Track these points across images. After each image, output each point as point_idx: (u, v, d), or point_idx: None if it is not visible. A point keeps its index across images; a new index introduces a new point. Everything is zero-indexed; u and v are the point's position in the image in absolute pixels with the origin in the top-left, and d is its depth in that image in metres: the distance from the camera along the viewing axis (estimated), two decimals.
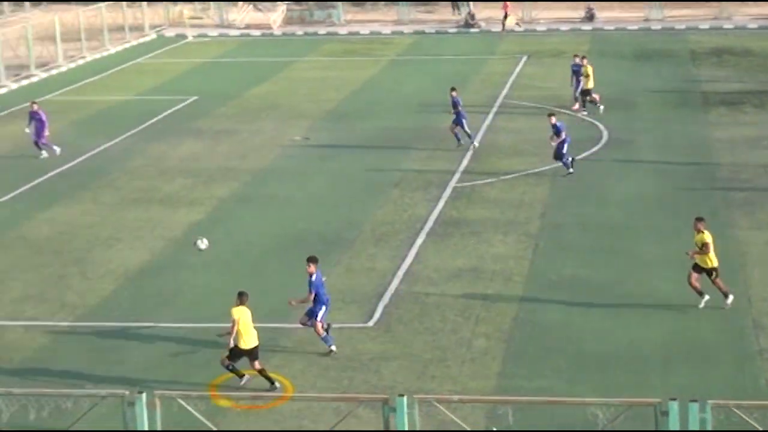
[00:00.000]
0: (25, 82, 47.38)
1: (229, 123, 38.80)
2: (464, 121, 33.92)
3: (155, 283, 23.63)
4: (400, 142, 35.14)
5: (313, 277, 19.94)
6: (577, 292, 22.75)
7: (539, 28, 59.07)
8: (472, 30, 59.22)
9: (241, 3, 64.42)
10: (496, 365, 19.69)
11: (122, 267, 24.58)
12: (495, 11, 60.17)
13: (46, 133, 34.29)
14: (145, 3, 60.93)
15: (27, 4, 69.34)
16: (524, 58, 49.64)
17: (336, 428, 16.04)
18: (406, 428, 14.73)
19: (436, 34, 58.77)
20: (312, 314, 20.09)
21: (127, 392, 15.00)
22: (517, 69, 47.42)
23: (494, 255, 25.12)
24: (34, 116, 34.25)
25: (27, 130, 34.50)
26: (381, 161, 33.24)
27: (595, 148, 33.98)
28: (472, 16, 60.08)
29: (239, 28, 62.05)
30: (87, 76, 48.63)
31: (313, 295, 19.91)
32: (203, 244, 21.24)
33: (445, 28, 60.03)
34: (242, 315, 18.70)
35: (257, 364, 18.73)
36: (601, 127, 36.50)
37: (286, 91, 44.37)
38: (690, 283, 21.47)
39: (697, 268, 21.48)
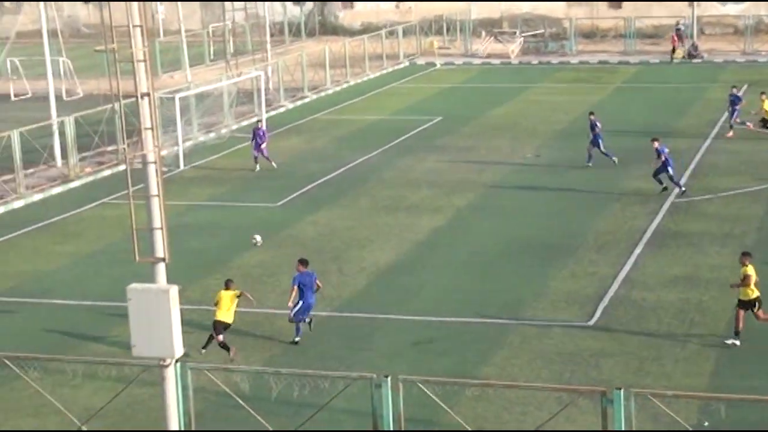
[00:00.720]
0: (299, 103, 48.95)
1: (469, 141, 38.83)
2: (601, 142, 33.61)
3: (401, 280, 23.84)
4: (623, 160, 34.20)
5: (296, 275, 20.44)
6: None
7: (760, 59, 56.42)
8: (695, 60, 57.11)
9: (483, 35, 64.52)
10: (709, 365, 18.81)
11: (373, 265, 24.95)
12: (718, 44, 57.90)
13: (264, 147, 34.90)
14: (401, 35, 61.90)
15: (304, 35, 71.81)
16: (744, 87, 47.36)
17: (557, 416, 15.70)
18: (623, 419, 14.26)
19: (660, 63, 56.98)
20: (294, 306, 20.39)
21: (374, 376, 15.14)
22: None
23: (710, 265, 24.05)
24: (257, 133, 35.07)
25: (253, 152, 35.27)
26: (604, 177, 32.47)
27: None
28: (695, 47, 57.92)
29: (481, 57, 62.13)
30: (349, 98, 49.79)
31: (294, 288, 20.27)
32: (255, 239, 22.54)
33: (668, 58, 58.13)
34: (223, 296, 20.14)
35: (221, 337, 19.96)
36: None
37: (521, 114, 44.07)
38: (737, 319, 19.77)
39: (741, 303, 19.79)
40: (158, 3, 64.81)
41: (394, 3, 73.97)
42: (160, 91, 38.93)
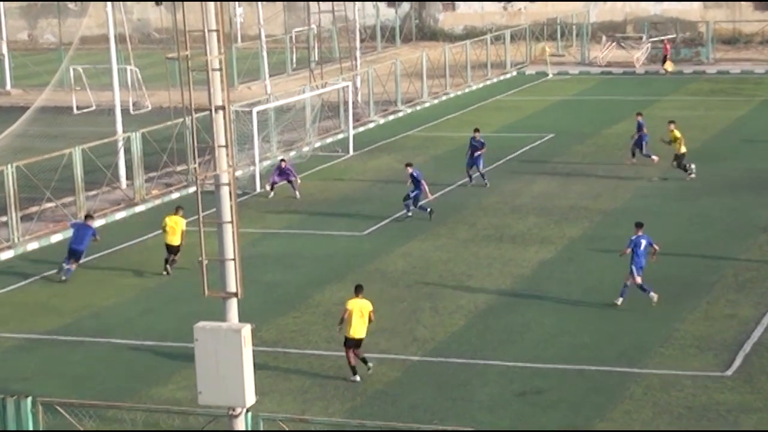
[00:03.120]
0: (391, 117, 49.28)
1: (584, 162, 38.57)
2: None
3: (503, 321, 23.73)
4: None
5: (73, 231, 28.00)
6: None
7: None
8: None
9: (604, 40, 64.16)
10: None
11: (472, 303, 24.88)
12: None
13: (299, 182, 35.32)
14: (508, 41, 61.91)
15: (398, 41, 72.35)
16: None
17: None
18: None
19: None
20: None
21: (471, 429, 15.07)
22: None
23: None
24: (284, 169, 35.12)
25: (273, 175, 35.39)
26: (748, 204, 31.96)
27: None
28: None
29: (600, 66, 61.76)
30: (448, 112, 49.92)
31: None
32: None
33: None
34: (173, 222, 27.41)
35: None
36: None
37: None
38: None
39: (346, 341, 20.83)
40: (237, 4, 65.98)
41: (502, 4, 74.05)
42: (236, 104, 39.54)
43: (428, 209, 31.85)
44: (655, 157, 36.92)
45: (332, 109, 45.80)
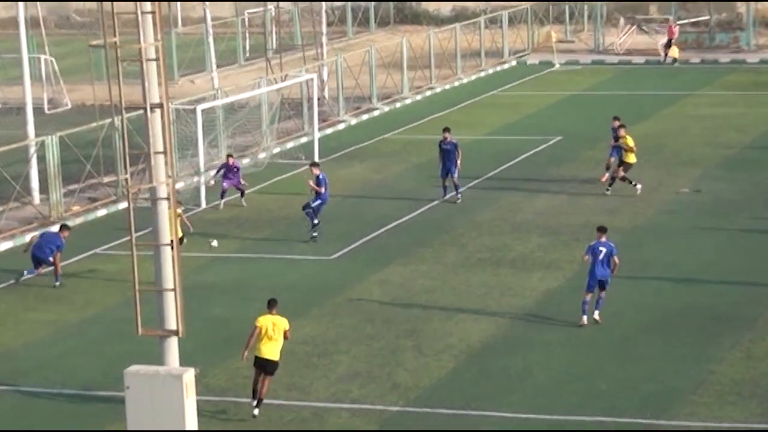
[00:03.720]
0: (364, 117, 49.39)
1: (598, 170, 38.68)
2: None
3: (501, 363, 23.81)
4: None
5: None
6: None
7: None
8: None
9: (622, 23, 64.57)
10: None
11: (463, 341, 24.95)
12: None
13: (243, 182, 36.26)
14: (506, 25, 62.24)
15: (373, 24, 72.54)
16: None
17: None
18: None
19: None
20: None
21: None
22: None
23: None
24: (230, 168, 35.77)
25: (221, 182, 35.99)
26: None
27: None
28: None
29: (618, 54, 62.13)
30: (433, 111, 50.06)
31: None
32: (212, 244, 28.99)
33: None
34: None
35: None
36: None
37: (673, 132, 43.91)
38: None
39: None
40: None
41: None
42: (177, 101, 39.59)
43: (313, 227, 32.27)
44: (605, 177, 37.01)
45: (294, 107, 45.88)
